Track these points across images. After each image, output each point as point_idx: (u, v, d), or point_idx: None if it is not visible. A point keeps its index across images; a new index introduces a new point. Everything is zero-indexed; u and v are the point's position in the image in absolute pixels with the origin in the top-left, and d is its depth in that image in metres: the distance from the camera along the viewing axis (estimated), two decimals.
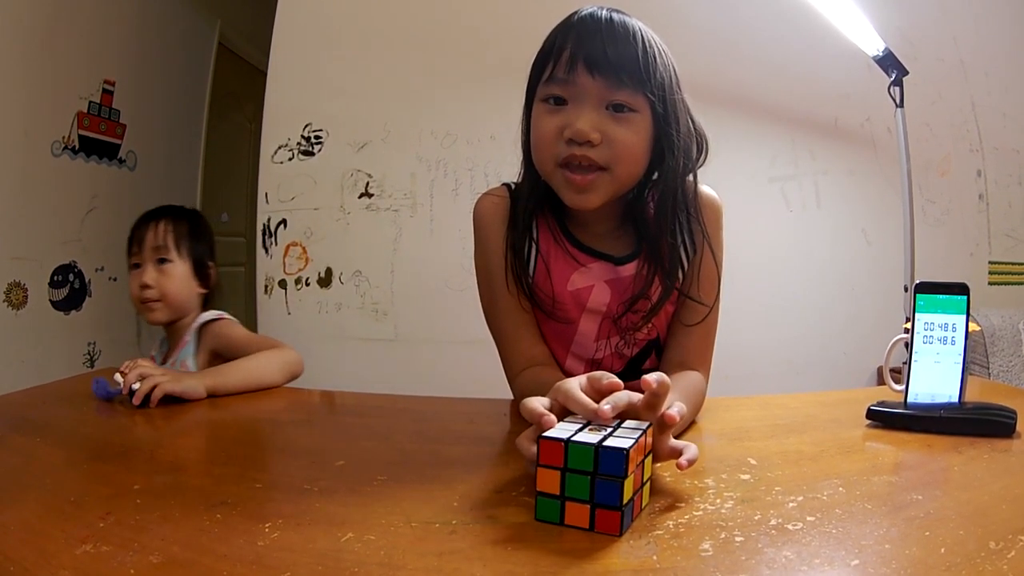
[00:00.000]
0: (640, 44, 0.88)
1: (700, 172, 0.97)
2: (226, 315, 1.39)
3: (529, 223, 0.98)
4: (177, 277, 1.40)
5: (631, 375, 0.97)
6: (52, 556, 0.48)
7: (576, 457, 0.52)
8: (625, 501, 0.52)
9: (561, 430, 0.55)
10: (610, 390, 0.60)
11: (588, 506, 0.52)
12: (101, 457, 0.72)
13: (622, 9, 0.90)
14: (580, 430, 0.55)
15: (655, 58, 0.89)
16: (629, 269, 0.96)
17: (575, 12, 0.91)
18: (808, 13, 1.57)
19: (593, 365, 0.99)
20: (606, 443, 0.52)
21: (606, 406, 0.57)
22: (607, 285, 0.96)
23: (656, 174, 0.93)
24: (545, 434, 0.54)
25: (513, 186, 1.03)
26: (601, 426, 0.56)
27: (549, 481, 0.53)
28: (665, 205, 0.93)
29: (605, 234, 0.98)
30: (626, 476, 0.51)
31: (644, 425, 0.57)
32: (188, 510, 0.57)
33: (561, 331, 0.99)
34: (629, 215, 0.97)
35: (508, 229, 0.98)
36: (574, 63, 0.86)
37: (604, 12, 0.89)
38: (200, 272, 1.44)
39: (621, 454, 0.51)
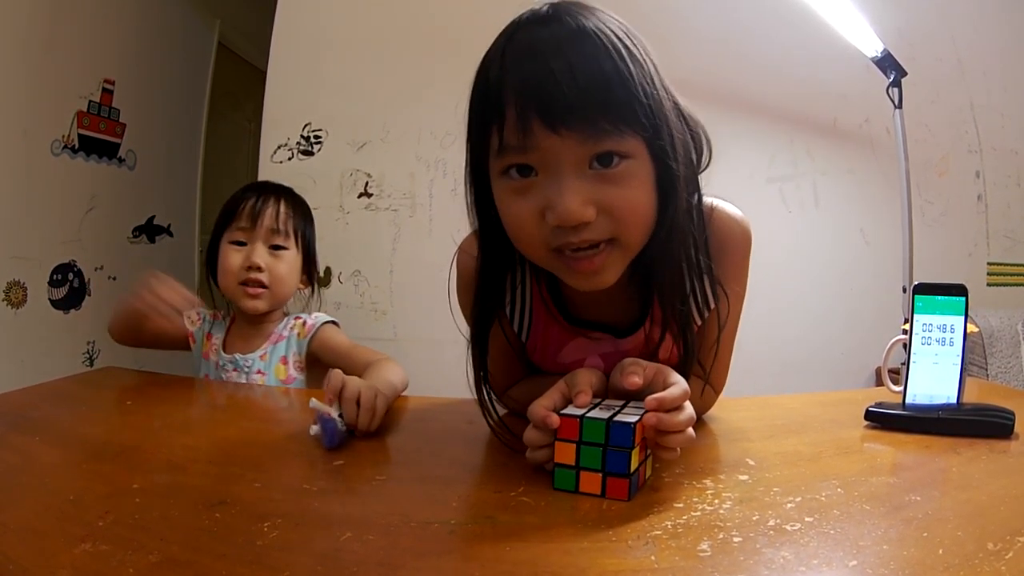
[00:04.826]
0: (609, 53, 0.61)
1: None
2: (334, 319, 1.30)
3: (518, 302, 0.84)
4: (291, 265, 1.26)
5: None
6: (51, 555, 0.48)
7: (590, 431, 0.59)
8: (632, 470, 0.58)
9: (575, 408, 0.61)
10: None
11: (600, 474, 0.59)
12: (100, 456, 0.72)
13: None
14: (592, 408, 0.61)
15: (631, 66, 0.62)
16: (632, 341, 0.81)
17: (509, 26, 0.68)
18: (807, 14, 1.57)
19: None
20: (616, 418, 0.59)
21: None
22: (600, 358, 0.82)
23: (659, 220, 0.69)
24: (562, 411, 0.60)
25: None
26: (610, 404, 0.63)
27: (565, 453, 0.60)
28: (673, 254, 0.71)
29: (607, 299, 0.78)
30: (633, 447, 0.58)
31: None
32: (187, 509, 0.57)
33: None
34: (637, 272, 0.76)
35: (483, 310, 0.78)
36: (526, 120, 0.61)
37: (545, 9, 0.65)
38: (308, 267, 1.32)
39: (629, 428, 0.58)
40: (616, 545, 0.51)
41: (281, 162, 1.77)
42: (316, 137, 1.77)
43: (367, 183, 1.81)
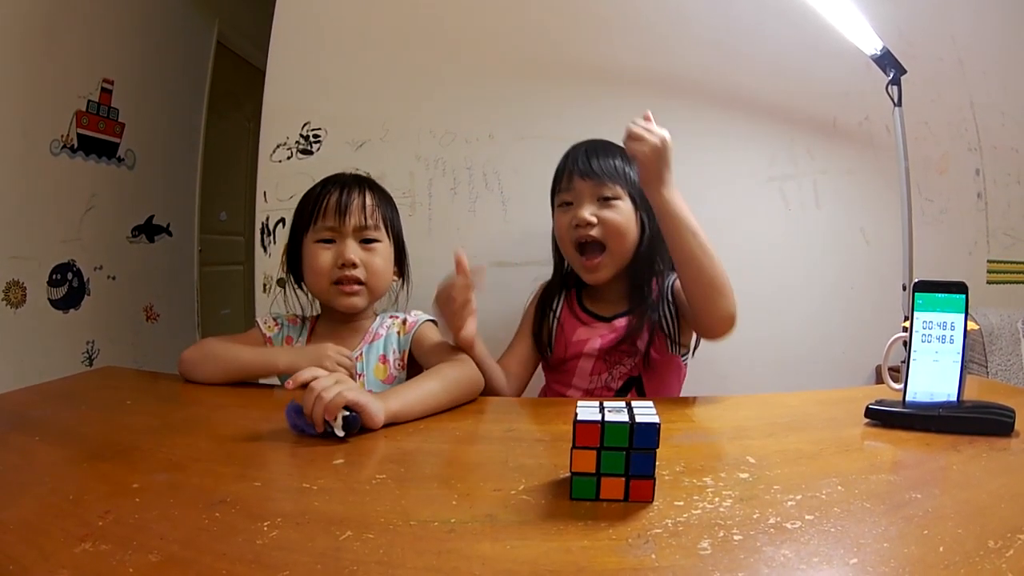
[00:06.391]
0: (618, 152, 1.26)
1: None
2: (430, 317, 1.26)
3: (556, 304, 1.38)
4: (385, 258, 1.21)
5: None
6: (51, 554, 0.48)
7: (612, 435, 0.58)
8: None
9: (590, 413, 0.60)
10: None
11: (623, 479, 0.59)
12: (100, 456, 0.72)
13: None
14: (601, 412, 0.60)
15: (630, 162, 1.25)
16: (616, 324, 1.29)
17: (574, 144, 1.33)
18: (806, 12, 1.56)
19: (587, 394, 1.30)
20: (638, 420, 0.58)
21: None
22: (600, 337, 1.29)
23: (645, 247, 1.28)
24: (580, 418, 0.59)
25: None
26: (613, 407, 0.61)
27: (584, 461, 0.59)
28: (647, 271, 1.29)
29: (608, 300, 1.33)
30: (658, 447, 0.58)
31: (651, 403, 0.63)
32: (187, 509, 0.57)
33: (566, 371, 1.32)
34: (630, 284, 1.31)
35: (540, 309, 1.39)
36: (571, 175, 1.27)
37: (593, 141, 1.31)
38: (399, 258, 1.28)
39: (654, 428, 0.58)
40: (616, 543, 0.51)
41: (280, 161, 1.77)
42: (315, 136, 1.77)
43: None
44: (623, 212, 1.24)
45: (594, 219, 1.23)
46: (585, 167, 1.25)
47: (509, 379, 1.29)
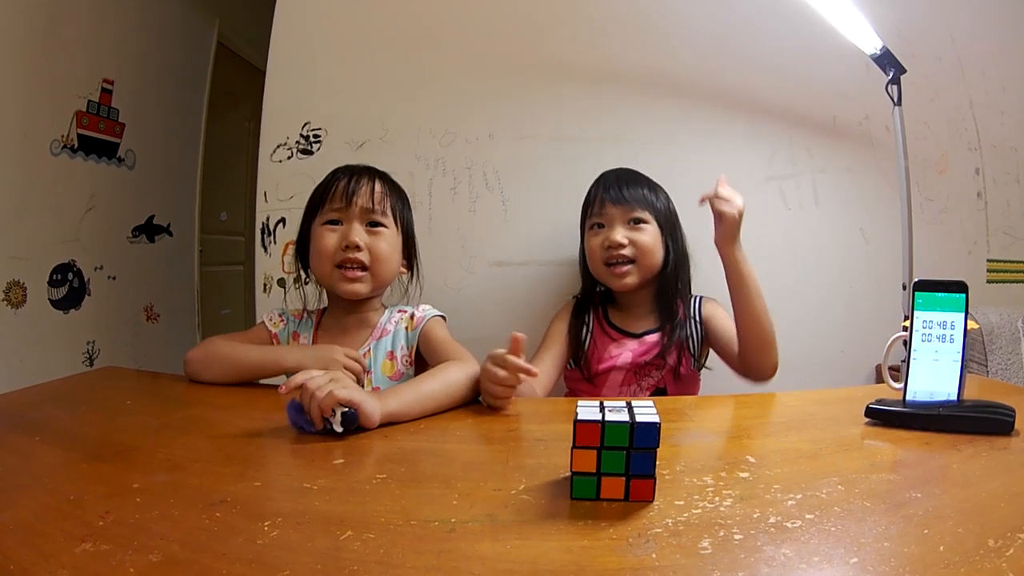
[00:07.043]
0: (646, 182, 1.42)
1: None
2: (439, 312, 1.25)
3: (587, 319, 1.44)
4: (392, 244, 1.19)
5: None
6: (51, 555, 0.48)
7: (613, 435, 0.58)
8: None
9: (590, 413, 0.59)
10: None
11: (624, 478, 0.58)
12: (100, 456, 0.72)
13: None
14: (601, 411, 0.60)
15: (656, 191, 1.43)
16: (647, 339, 1.39)
17: (603, 172, 1.46)
18: (806, 11, 1.56)
19: None
20: (639, 419, 0.58)
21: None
22: (630, 352, 1.38)
23: (670, 267, 1.39)
24: (580, 417, 0.59)
25: (574, 297, 1.52)
26: (613, 407, 0.61)
27: (585, 461, 0.59)
28: (674, 286, 1.39)
29: (636, 317, 1.42)
30: (658, 446, 0.58)
31: (651, 402, 0.63)
32: (187, 509, 0.57)
33: (596, 384, 1.39)
34: (658, 302, 1.41)
35: (574, 326, 1.44)
36: (603, 201, 1.39)
37: (622, 169, 1.45)
38: (408, 249, 1.27)
39: (654, 428, 0.57)
40: (617, 543, 0.51)
41: (280, 161, 1.77)
42: (315, 136, 1.77)
43: None
44: (651, 234, 1.37)
45: (626, 240, 1.35)
46: (617, 195, 1.38)
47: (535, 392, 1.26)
